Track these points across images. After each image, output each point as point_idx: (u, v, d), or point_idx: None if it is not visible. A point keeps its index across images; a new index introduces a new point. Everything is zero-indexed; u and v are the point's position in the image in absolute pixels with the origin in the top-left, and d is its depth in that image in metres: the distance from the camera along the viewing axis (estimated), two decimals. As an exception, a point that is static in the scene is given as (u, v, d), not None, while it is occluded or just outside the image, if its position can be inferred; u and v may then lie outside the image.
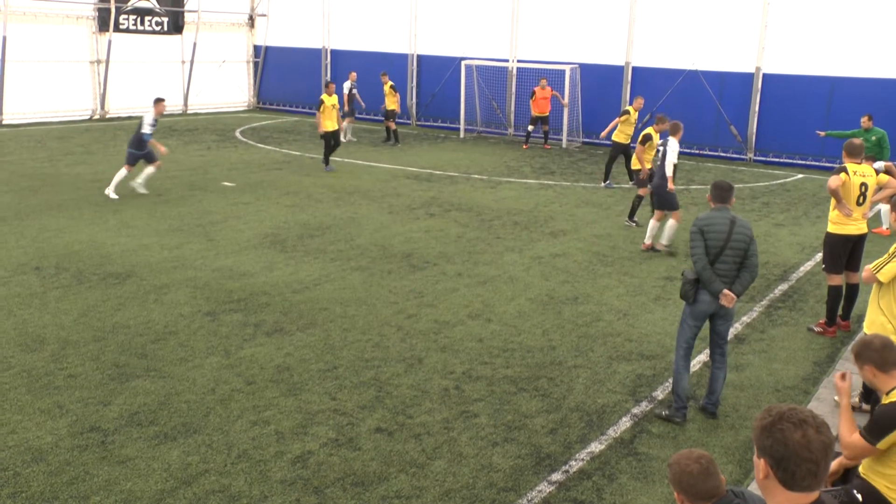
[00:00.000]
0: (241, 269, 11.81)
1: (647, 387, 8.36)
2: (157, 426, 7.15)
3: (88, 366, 8.35)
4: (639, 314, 10.52)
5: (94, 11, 28.36)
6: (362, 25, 30.71)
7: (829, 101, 22.75)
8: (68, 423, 7.15)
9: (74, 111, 28.28)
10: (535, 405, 7.83)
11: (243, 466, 6.54)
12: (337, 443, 6.97)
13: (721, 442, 7.30)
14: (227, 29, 33.16)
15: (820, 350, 9.59)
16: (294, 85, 33.02)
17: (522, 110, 27.73)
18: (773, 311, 10.91)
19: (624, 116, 18.69)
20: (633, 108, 18.87)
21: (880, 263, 7.03)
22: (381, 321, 9.91)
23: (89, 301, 10.26)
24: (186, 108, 31.74)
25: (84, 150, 22.12)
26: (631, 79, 25.73)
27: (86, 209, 15.16)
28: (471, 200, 17.12)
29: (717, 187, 7.70)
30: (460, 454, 6.86)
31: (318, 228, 14.31)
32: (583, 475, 6.64)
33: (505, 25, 27.67)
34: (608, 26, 25.72)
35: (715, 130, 24.73)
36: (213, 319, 9.77)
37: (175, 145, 23.47)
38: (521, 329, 9.83)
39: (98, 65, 28.70)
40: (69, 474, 6.34)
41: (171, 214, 15.00)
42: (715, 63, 24.31)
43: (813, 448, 2.71)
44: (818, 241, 14.06)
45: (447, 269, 12.12)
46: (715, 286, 7.36)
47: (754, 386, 8.49)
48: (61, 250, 12.43)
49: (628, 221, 15.40)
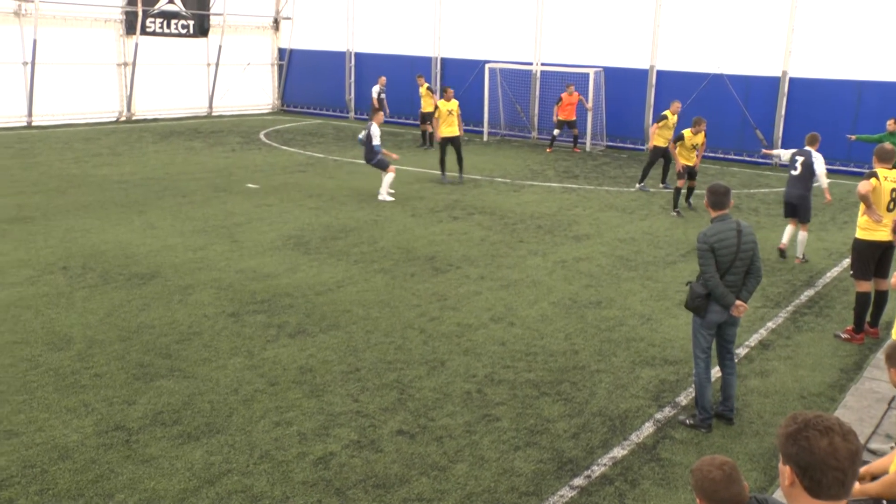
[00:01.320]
0: (265, 270, 11.87)
1: (670, 392, 8.31)
2: (180, 426, 7.19)
3: (114, 365, 8.42)
4: (662, 319, 10.46)
5: (122, 15, 28.64)
6: (386, 28, 30.80)
7: (856, 104, 22.53)
8: (94, 421, 7.21)
9: (101, 113, 28.57)
10: (557, 409, 7.81)
11: (265, 467, 6.57)
12: (359, 444, 6.98)
13: (745, 448, 7.24)
14: (252, 32, 33.37)
15: (847, 357, 9.49)
16: (318, 88, 33.18)
17: (546, 114, 27.68)
18: (798, 317, 10.81)
19: (662, 122, 18.63)
20: (671, 112, 18.76)
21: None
22: (404, 324, 9.92)
23: (115, 301, 10.35)
24: (211, 111, 31.96)
25: (110, 151, 22.32)
26: (655, 82, 25.62)
27: (112, 210, 15.29)
28: (494, 204, 17.11)
29: (714, 193, 7.40)
30: (482, 458, 6.85)
31: (342, 230, 14.35)
32: (605, 480, 6.61)
33: (529, 28, 27.64)
34: (633, 29, 25.62)
35: (740, 135, 24.57)
36: (237, 320, 9.82)
37: (200, 147, 23.65)
38: (543, 333, 9.80)
39: (125, 67, 28.97)
40: (94, 472, 6.40)
41: (196, 216, 15.10)
42: (740, 67, 24.15)
43: (840, 456, 2.68)
44: (845, 246, 13.92)
45: (470, 273, 12.12)
46: (728, 300, 7.28)
47: (779, 392, 8.41)
48: (88, 250, 12.55)
49: (673, 212, 16.65)
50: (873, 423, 7.78)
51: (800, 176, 13.10)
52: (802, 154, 13.18)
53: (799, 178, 13.11)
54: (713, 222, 7.40)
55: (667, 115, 18.70)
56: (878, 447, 7.15)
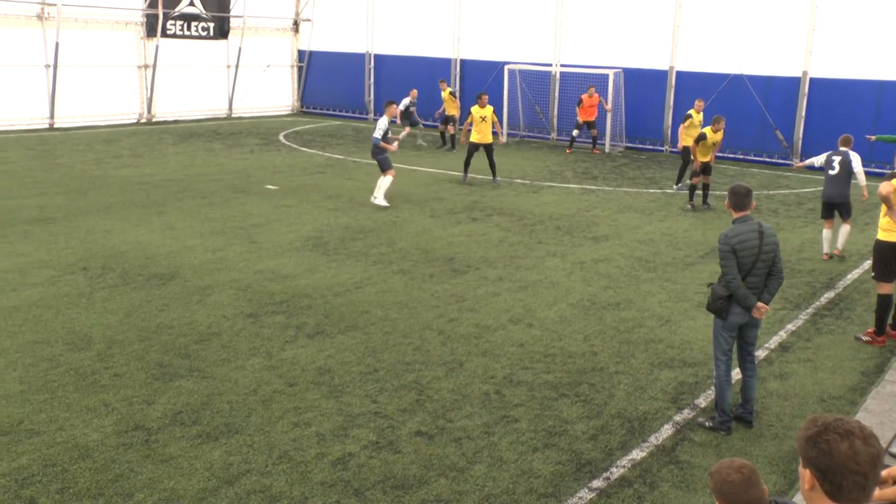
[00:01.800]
0: (284, 271, 11.91)
1: (689, 394, 8.27)
2: (199, 426, 7.23)
3: (133, 365, 8.47)
4: (681, 321, 10.41)
5: (143, 17, 28.85)
6: (406, 30, 30.85)
7: (877, 105, 22.33)
8: (114, 421, 7.26)
9: (122, 115, 28.79)
10: (575, 411, 7.79)
11: (284, 467, 6.59)
12: (377, 445, 6.99)
13: (765, 451, 7.19)
14: (272, 34, 33.52)
15: (868, 360, 9.41)
16: (337, 89, 33.27)
17: (565, 115, 27.63)
18: (818, 319, 10.73)
19: (687, 121, 18.67)
20: (695, 111, 18.83)
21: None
22: (423, 325, 9.93)
23: (134, 301, 10.42)
24: (231, 112, 32.12)
25: (131, 153, 22.48)
26: (675, 83, 25.52)
27: (132, 211, 15.40)
28: (513, 205, 17.09)
29: (735, 194, 7.37)
30: (500, 459, 6.84)
31: (361, 231, 14.38)
32: (624, 482, 6.58)
33: (548, 30, 27.60)
34: (652, 30, 25.53)
35: (760, 135, 24.42)
36: (256, 321, 9.86)
37: (219, 149, 23.77)
38: (562, 334, 9.78)
39: (145, 69, 29.17)
40: (114, 471, 6.44)
41: (215, 217, 15.18)
42: (760, 67, 24.01)
43: (860, 460, 2.66)
44: (866, 248, 13.80)
45: (488, 274, 12.11)
46: (750, 301, 7.23)
47: (799, 395, 8.35)
48: (108, 251, 12.64)
49: (688, 204, 17.23)
50: (895, 427, 7.71)
51: (839, 175, 13.17)
52: (839, 154, 13.25)
53: (838, 178, 13.19)
54: (735, 223, 7.35)
55: (691, 114, 18.75)
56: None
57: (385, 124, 16.55)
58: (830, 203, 13.36)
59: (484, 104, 19.33)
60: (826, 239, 13.66)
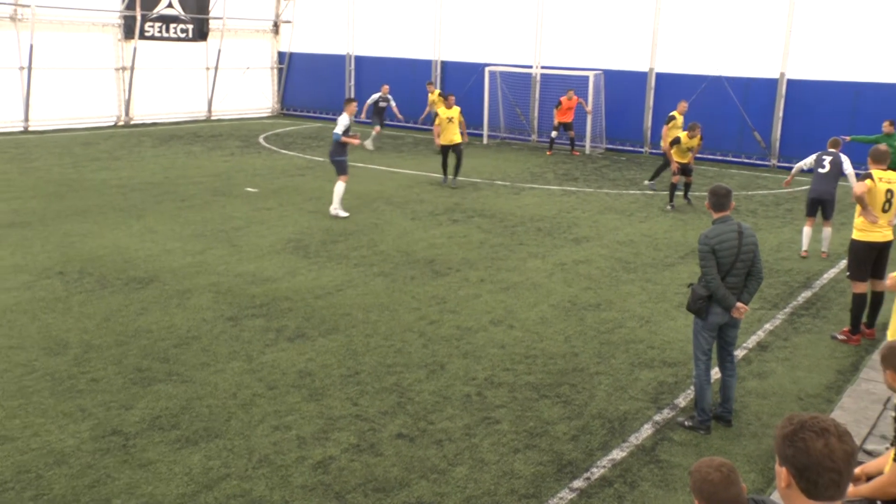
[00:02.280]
0: (264, 274, 11.86)
1: (669, 394, 8.31)
2: (178, 430, 7.18)
3: (111, 370, 8.41)
4: (661, 321, 10.45)
5: (120, 19, 28.65)
6: (386, 32, 30.81)
7: (853, 106, 22.53)
8: (90, 426, 7.20)
9: (99, 118, 28.56)
10: (556, 412, 7.80)
11: (264, 471, 6.56)
12: (358, 448, 6.97)
13: (743, 450, 7.23)
14: (252, 35, 33.38)
15: (844, 358, 9.49)
16: (318, 91, 33.17)
17: (546, 117, 27.69)
18: (796, 318, 10.81)
19: (671, 122, 18.86)
20: (678, 113, 19.09)
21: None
22: (404, 327, 9.91)
23: (112, 305, 10.34)
24: (211, 115, 31.96)
25: (109, 155, 22.32)
26: (655, 85, 25.63)
27: (110, 214, 15.29)
28: (494, 207, 17.11)
29: (715, 194, 7.41)
30: (482, 460, 6.84)
31: (341, 234, 14.35)
32: (604, 482, 6.60)
33: (529, 32, 27.66)
34: (632, 33, 25.64)
35: (739, 136, 24.58)
36: (236, 324, 9.82)
37: (199, 151, 23.65)
38: (543, 335, 9.79)
39: (123, 72, 28.98)
40: (91, 477, 6.39)
41: (195, 220, 15.10)
42: (739, 69, 24.17)
43: (835, 457, 2.68)
44: (843, 247, 13.90)
45: (470, 276, 12.11)
46: (729, 301, 7.28)
47: (777, 394, 8.41)
48: (85, 255, 12.54)
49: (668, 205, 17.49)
50: (869, 424, 7.78)
51: (828, 174, 13.37)
52: (829, 154, 13.49)
53: (827, 176, 13.39)
54: (714, 224, 7.40)
55: (675, 115, 18.98)
56: (874, 448, 7.15)
57: (346, 121, 16.01)
58: (818, 199, 13.51)
59: (451, 105, 19.39)
60: (806, 236, 13.80)
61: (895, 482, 4.85)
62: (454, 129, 19.18)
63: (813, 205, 13.62)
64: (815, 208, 13.63)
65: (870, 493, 4.98)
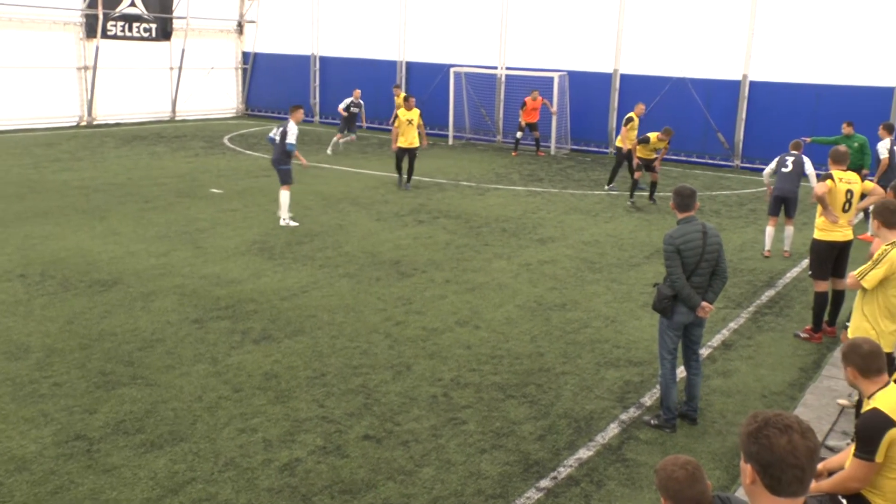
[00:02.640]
0: (229, 276, 11.78)
1: (634, 393, 8.37)
2: (143, 434, 7.11)
3: (74, 374, 8.30)
4: (626, 321, 10.53)
5: (82, 18, 28.28)
6: (351, 32, 30.72)
7: (814, 108, 22.86)
8: (53, 431, 7.10)
9: (61, 118, 28.17)
10: (523, 412, 7.83)
11: (230, 474, 6.51)
12: (325, 450, 6.95)
13: (708, 448, 7.31)
14: (216, 35, 33.12)
15: (806, 356, 9.63)
16: (283, 92, 32.96)
17: (511, 117, 27.77)
18: (759, 317, 10.94)
19: (629, 124, 19.08)
20: (636, 115, 19.30)
21: (864, 270, 7.06)
22: (370, 328, 9.89)
23: (75, 308, 10.20)
24: (175, 115, 31.66)
25: (71, 156, 22.03)
26: (619, 86, 25.81)
27: (72, 216, 15.09)
28: (459, 207, 17.13)
29: (679, 194, 7.47)
30: (448, 461, 6.85)
31: (307, 235, 14.28)
32: (571, 482, 6.64)
33: (494, 33, 27.72)
34: (596, 34, 25.79)
35: (702, 138, 24.83)
36: (201, 327, 9.73)
37: (163, 152, 23.42)
38: (509, 336, 9.82)
39: (85, 71, 28.61)
40: (54, 483, 6.30)
41: (159, 221, 14.94)
42: (702, 71, 24.41)
43: (799, 454, 2.72)
44: (804, 247, 14.09)
45: (435, 276, 12.12)
46: (694, 301, 7.35)
47: (741, 392, 8.51)
48: (47, 257, 12.37)
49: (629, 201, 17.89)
50: (831, 421, 7.90)
51: (792, 173, 13.74)
52: (792, 155, 13.88)
53: (790, 175, 13.75)
54: (679, 224, 7.46)
55: (632, 116, 19.18)
56: (836, 444, 7.27)
57: (296, 130, 15.33)
58: (782, 197, 13.81)
59: (411, 107, 19.08)
60: (769, 236, 14.00)
61: (855, 477, 4.93)
62: (413, 132, 18.97)
63: (777, 203, 13.86)
64: (778, 207, 13.88)
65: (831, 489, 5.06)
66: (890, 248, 6.99)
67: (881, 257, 6.99)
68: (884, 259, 6.95)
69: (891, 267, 6.92)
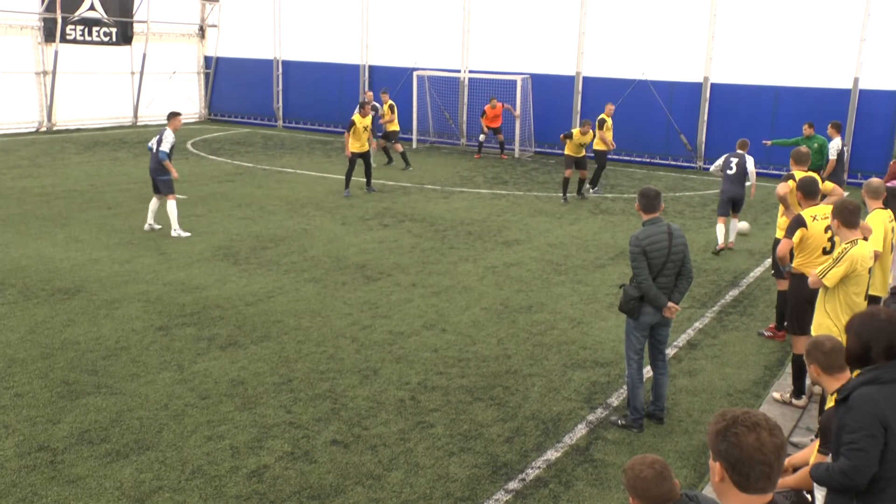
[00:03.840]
0: (194, 282, 11.68)
1: (601, 394, 8.43)
2: (108, 444, 7.02)
3: (36, 384, 8.17)
4: (592, 322, 10.60)
5: (40, 22, 27.88)
6: (314, 36, 30.60)
7: (774, 109, 23.20)
8: (15, 442, 6.99)
9: (20, 123, 27.74)
10: (490, 414, 7.85)
11: (198, 483, 6.46)
12: (293, 456, 6.91)
13: (675, 447, 7.37)
14: (178, 39, 32.81)
15: (770, 354, 9.75)
16: (246, 96, 32.78)
17: (475, 120, 27.86)
18: (724, 316, 11.07)
19: (604, 125, 19.56)
20: (607, 115, 19.88)
21: (826, 268, 7.17)
22: (336, 333, 9.86)
23: (37, 317, 10.05)
24: (137, 120, 31.31)
25: (30, 163, 21.70)
26: (582, 89, 25.98)
27: (32, 223, 14.86)
28: (424, 211, 17.13)
29: (645, 196, 7.54)
30: (417, 465, 6.84)
31: (272, 240, 14.20)
32: (539, 483, 6.66)
33: (456, 36, 27.77)
34: (559, 37, 25.95)
35: (665, 139, 25.07)
36: (166, 334, 9.64)
37: (125, 157, 23.17)
38: (475, 339, 9.84)
39: (44, 76, 28.20)
40: (16, 496, 6.20)
41: (122, 228, 14.77)
42: (664, 73, 24.67)
43: (766, 451, 2.76)
44: (767, 247, 14.32)
45: (401, 280, 12.11)
46: (661, 301, 7.42)
47: (707, 391, 8.60)
48: (7, 265, 12.17)
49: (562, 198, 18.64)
50: (795, 418, 8.02)
51: (736, 175, 14.36)
52: (736, 156, 14.43)
53: (736, 177, 14.38)
54: (644, 225, 7.52)
55: (605, 118, 19.73)
56: (800, 440, 7.38)
57: (172, 139, 14.75)
58: (732, 199, 14.42)
59: (366, 114, 19.17)
60: (721, 232, 14.46)
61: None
62: (365, 137, 19.07)
63: (725, 203, 14.50)
64: (728, 207, 14.52)
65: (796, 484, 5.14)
66: (850, 247, 7.10)
67: (841, 255, 7.10)
68: (844, 257, 7.06)
69: (851, 265, 7.03)
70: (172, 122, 14.92)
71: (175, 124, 14.93)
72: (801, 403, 8.31)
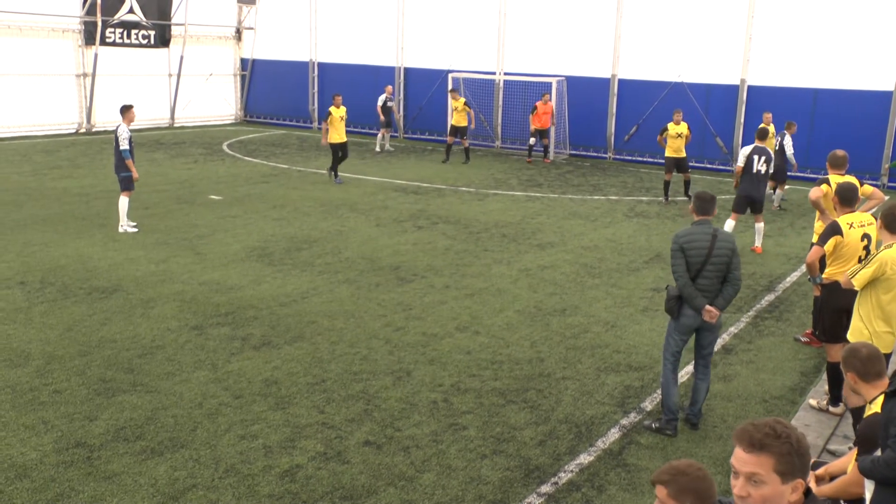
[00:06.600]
0: (229, 282, 11.77)
1: (635, 398, 8.37)
2: (143, 441, 7.10)
3: (74, 381, 8.29)
4: (627, 325, 10.53)
5: (81, 25, 28.31)
6: (349, 38, 30.76)
7: (812, 111, 22.91)
8: (53, 438, 7.09)
9: (60, 125, 28.19)
10: (523, 417, 7.83)
11: (231, 481, 6.51)
12: (325, 456, 6.94)
13: (710, 452, 7.30)
14: (214, 42, 33.16)
15: (807, 360, 9.62)
16: (281, 98, 33.04)
17: (509, 123, 27.82)
18: (759, 321, 10.94)
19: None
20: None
21: (855, 269, 7.07)
22: (369, 334, 9.89)
23: (75, 315, 10.20)
24: (173, 122, 31.69)
25: (70, 163, 22.04)
26: (617, 91, 25.84)
27: (71, 223, 15.09)
28: (458, 213, 17.13)
29: (699, 199, 7.65)
30: (449, 467, 6.84)
31: (306, 241, 14.29)
32: (572, 487, 6.63)
33: (492, 38, 27.75)
34: (594, 39, 25.83)
35: (701, 142, 24.84)
36: (201, 333, 9.73)
37: (162, 159, 23.43)
38: (509, 341, 9.82)
39: (84, 78, 28.63)
40: (54, 491, 6.29)
41: (158, 228, 14.95)
42: (700, 75, 24.47)
43: None
44: (804, 251, 14.11)
45: (435, 282, 12.12)
46: (697, 302, 7.38)
47: (742, 396, 8.50)
48: (47, 264, 12.36)
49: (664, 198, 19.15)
50: (832, 425, 7.90)
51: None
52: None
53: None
54: (692, 225, 7.57)
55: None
56: (837, 448, 7.26)
57: (127, 133, 14.62)
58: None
59: (339, 105, 20.73)
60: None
61: (857, 482, 4.93)
62: (343, 127, 20.55)
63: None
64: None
65: (833, 493, 5.06)
66: (883, 249, 7.00)
67: (872, 257, 7.01)
68: (873, 259, 6.97)
69: (880, 267, 6.92)
70: (126, 116, 14.81)
71: (128, 117, 14.81)
72: (838, 411, 8.09)
